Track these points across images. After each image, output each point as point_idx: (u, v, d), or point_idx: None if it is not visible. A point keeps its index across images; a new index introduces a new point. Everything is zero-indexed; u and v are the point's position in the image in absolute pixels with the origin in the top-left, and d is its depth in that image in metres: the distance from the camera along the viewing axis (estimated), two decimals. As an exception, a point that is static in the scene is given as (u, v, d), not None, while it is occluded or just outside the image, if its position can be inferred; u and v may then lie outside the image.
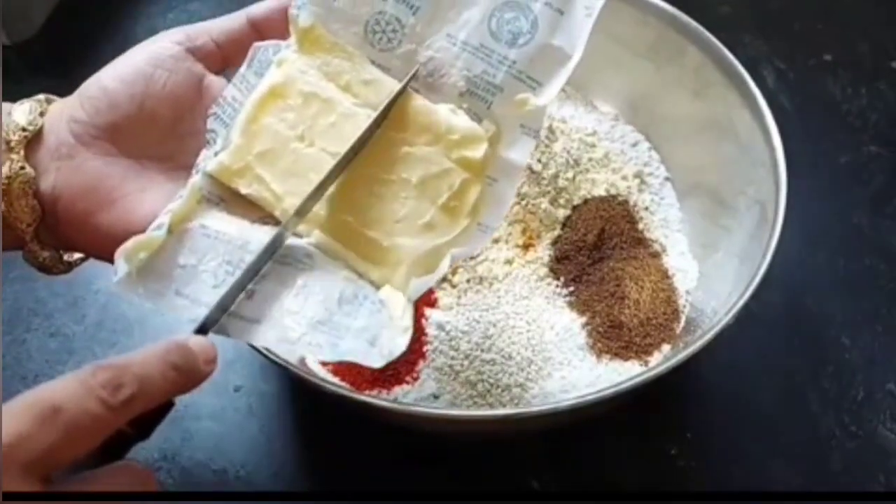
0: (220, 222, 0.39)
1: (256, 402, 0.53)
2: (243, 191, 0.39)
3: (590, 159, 0.56)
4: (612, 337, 0.50)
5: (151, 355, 0.32)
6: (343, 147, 0.39)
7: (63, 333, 0.56)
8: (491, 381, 0.49)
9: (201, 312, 0.36)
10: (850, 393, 0.53)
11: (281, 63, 0.41)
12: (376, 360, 0.37)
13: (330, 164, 0.39)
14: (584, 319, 0.52)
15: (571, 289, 0.53)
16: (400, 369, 0.49)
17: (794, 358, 0.54)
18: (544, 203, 0.54)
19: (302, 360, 0.49)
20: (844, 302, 0.57)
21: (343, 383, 0.49)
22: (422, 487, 0.49)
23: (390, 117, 0.41)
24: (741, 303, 0.43)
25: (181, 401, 0.52)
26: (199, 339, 0.34)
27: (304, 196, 0.39)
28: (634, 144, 0.59)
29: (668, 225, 0.56)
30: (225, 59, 0.42)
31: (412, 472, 0.50)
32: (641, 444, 0.51)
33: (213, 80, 0.41)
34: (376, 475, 0.50)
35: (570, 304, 0.52)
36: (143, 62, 0.39)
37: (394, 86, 0.41)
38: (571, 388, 0.49)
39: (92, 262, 0.59)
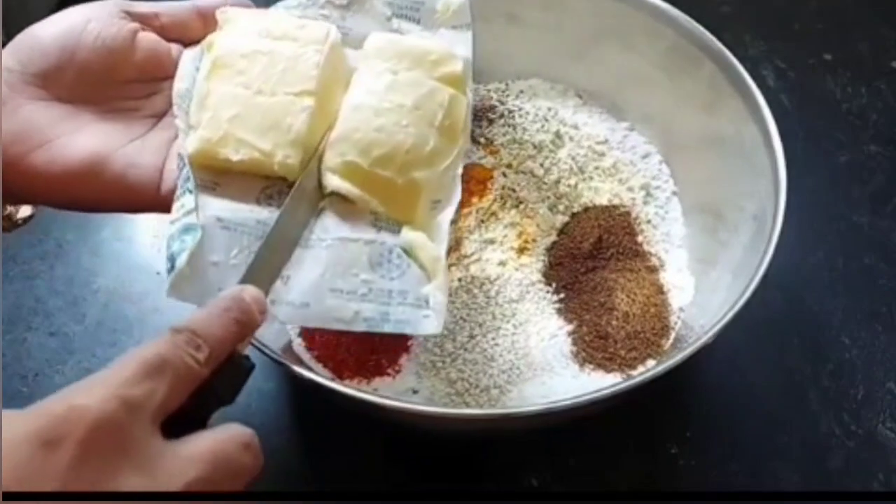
0: (231, 212, 0.40)
1: (256, 401, 0.52)
2: (234, 157, 0.40)
3: (597, 168, 0.55)
4: (597, 347, 0.50)
5: (216, 314, 0.34)
6: (304, 85, 0.41)
7: (63, 333, 0.56)
8: (471, 380, 0.49)
9: None
10: (849, 392, 0.53)
11: (210, 45, 0.42)
12: (431, 326, 0.38)
13: (297, 104, 0.40)
14: (571, 327, 0.51)
15: (562, 296, 0.52)
16: (382, 361, 0.49)
17: (794, 357, 0.54)
18: (542, 208, 0.54)
19: (290, 350, 0.49)
20: (844, 301, 0.57)
21: (325, 371, 0.49)
22: (421, 487, 0.49)
23: (363, 54, 0.43)
24: (725, 321, 0.42)
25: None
26: (252, 290, 0.36)
27: (291, 146, 0.40)
28: (645, 156, 0.58)
29: (669, 240, 0.55)
30: (164, 33, 0.43)
31: (412, 471, 0.50)
32: (641, 443, 0.51)
33: (146, 35, 0.42)
34: (376, 475, 0.50)
35: (559, 311, 0.52)
36: (77, 16, 0.41)
37: (326, 29, 0.42)
38: (551, 394, 0.49)
39: (92, 261, 0.59)
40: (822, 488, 0.49)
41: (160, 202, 0.40)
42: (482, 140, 0.53)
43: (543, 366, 0.50)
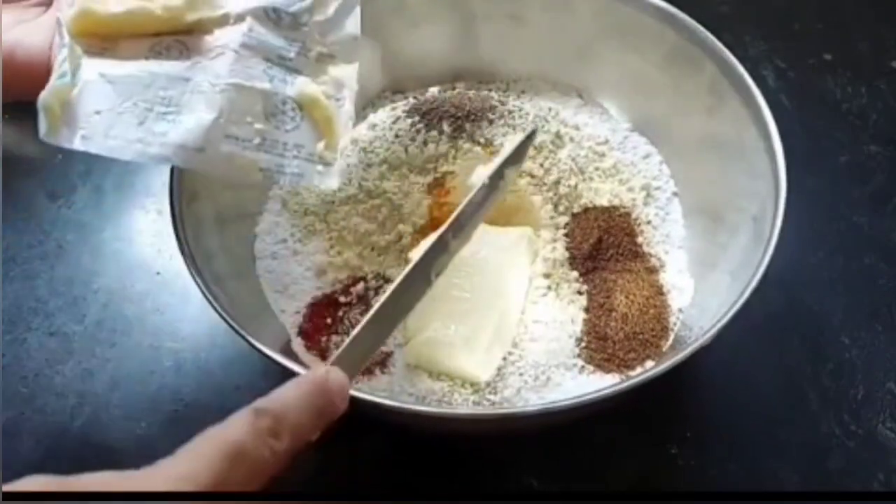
0: (116, 67, 0.40)
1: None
2: (116, 9, 0.39)
3: (597, 168, 0.55)
4: (595, 348, 0.50)
5: (299, 400, 0.32)
6: None
7: (63, 333, 0.56)
8: (467, 381, 0.48)
9: (136, 148, 0.38)
10: (849, 392, 0.53)
11: None
12: (325, 181, 0.39)
13: None
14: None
15: (560, 297, 0.52)
16: (379, 360, 0.49)
17: (794, 357, 0.54)
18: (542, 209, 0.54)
19: (290, 350, 0.49)
20: (844, 301, 0.57)
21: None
22: (421, 487, 0.49)
23: None
24: (724, 322, 0.42)
25: (182, 401, 0.53)
26: (338, 375, 0.34)
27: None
28: (646, 157, 0.58)
29: (669, 241, 0.55)
30: None
31: (412, 471, 0.50)
32: (641, 443, 0.51)
33: None
34: (376, 475, 0.50)
35: (558, 312, 0.52)
36: None
37: None
38: (550, 395, 0.48)
39: (92, 261, 0.59)
40: (822, 488, 0.49)
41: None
42: (482, 140, 0.53)
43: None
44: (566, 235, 0.53)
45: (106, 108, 0.39)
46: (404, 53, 0.61)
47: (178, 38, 0.40)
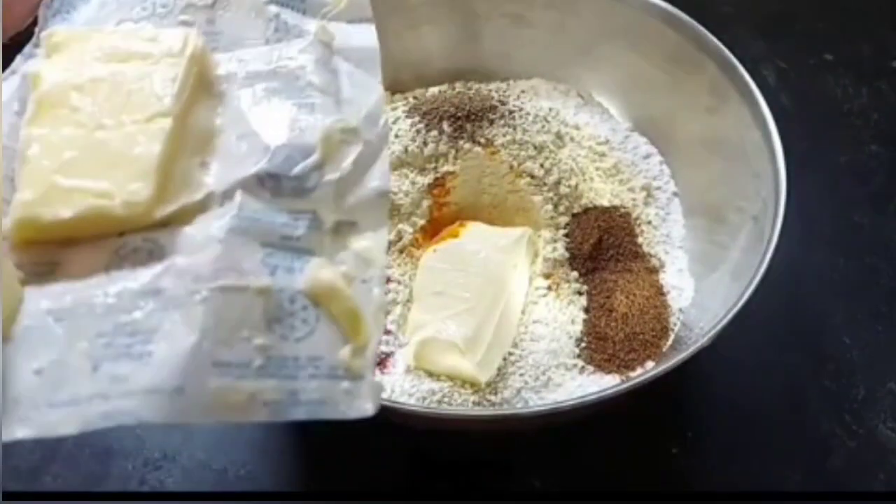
0: (69, 295, 0.29)
1: (257, 402, 0.52)
2: (65, 215, 0.30)
3: (597, 168, 0.55)
4: (596, 349, 0.50)
5: None
6: (157, 106, 0.32)
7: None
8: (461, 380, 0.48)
9: (90, 414, 0.27)
10: (850, 392, 0.53)
11: (37, 79, 0.33)
12: (357, 407, 0.29)
13: (149, 130, 0.31)
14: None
15: (561, 297, 0.52)
16: (380, 359, 0.49)
17: (794, 357, 0.54)
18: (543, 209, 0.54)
19: None
20: (844, 301, 0.57)
21: None
22: (422, 487, 0.49)
23: None
24: (724, 322, 0.42)
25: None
26: None
27: (141, 178, 0.31)
28: (646, 157, 0.58)
29: (669, 241, 0.55)
30: None
31: (412, 471, 0.50)
32: (642, 443, 0.51)
33: None
34: (376, 475, 0.50)
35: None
36: None
37: (183, 36, 0.34)
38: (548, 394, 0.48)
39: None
40: (822, 488, 0.49)
41: None
42: (482, 140, 0.53)
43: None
44: (566, 235, 0.53)
45: (49, 362, 0.28)
46: (404, 53, 0.61)
47: (146, 236, 0.30)
